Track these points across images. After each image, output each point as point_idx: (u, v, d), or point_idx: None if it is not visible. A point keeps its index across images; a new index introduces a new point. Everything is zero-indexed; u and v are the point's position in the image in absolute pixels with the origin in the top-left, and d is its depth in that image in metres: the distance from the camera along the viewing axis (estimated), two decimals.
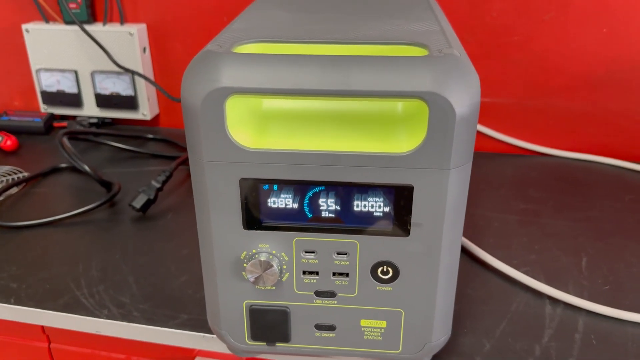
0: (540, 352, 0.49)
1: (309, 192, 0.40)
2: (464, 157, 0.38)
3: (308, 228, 0.41)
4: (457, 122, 0.36)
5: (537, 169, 0.84)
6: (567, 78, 0.83)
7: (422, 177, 0.38)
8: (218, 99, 0.37)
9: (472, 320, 0.53)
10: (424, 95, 0.35)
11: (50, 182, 0.80)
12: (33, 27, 0.92)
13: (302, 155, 0.38)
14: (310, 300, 0.44)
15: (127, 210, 0.72)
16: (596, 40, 0.80)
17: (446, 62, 0.36)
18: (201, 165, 0.40)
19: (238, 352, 0.49)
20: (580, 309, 0.55)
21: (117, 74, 0.93)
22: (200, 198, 0.42)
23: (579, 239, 0.66)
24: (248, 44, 0.41)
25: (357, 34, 0.43)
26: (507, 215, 0.71)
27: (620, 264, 0.61)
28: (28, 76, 0.97)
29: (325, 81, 0.36)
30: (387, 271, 0.42)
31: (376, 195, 0.40)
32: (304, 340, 0.46)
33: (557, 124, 0.87)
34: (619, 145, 0.86)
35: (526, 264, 0.61)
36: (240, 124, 0.39)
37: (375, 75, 0.36)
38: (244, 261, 0.43)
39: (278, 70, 0.36)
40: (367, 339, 0.45)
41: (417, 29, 0.45)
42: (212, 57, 0.37)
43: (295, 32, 0.44)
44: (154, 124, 1.00)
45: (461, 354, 0.49)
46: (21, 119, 0.95)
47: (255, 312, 0.45)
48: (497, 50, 0.83)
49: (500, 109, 0.87)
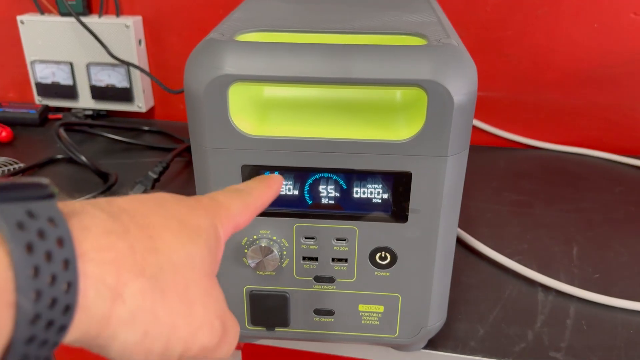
0: (532, 337, 0.51)
1: (309, 179, 0.41)
2: (461, 145, 0.39)
3: (308, 214, 0.42)
4: (455, 110, 0.37)
5: (529, 161, 0.85)
6: (559, 72, 0.85)
7: (420, 164, 0.39)
8: (221, 86, 0.37)
9: (467, 307, 0.54)
10: (423, 84, 0.36)
11: (46, 173, 0.80)
12: (28, 18, 0.92)
13: (302, 142, 0.39)
14: (310, 285, 0.45)
15: None
16: (587, 35, 0.81)
17: (445, 52, 0.37)
18: (204, 152, 0.41)
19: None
20: (571, 296, 0.56)
21: (112, 66, 0.93)
22: (202, 185, 0.42)
23: (570, 229, 0.67)
24: (250, 33, 0.42)
25: (357, 24, 0.44)
26: (500, 206, 0.72)
27: (610, 253, 0.63)
28: (23, 68, 0.97)
29: (327, 69, 0.37)
30: (385, 257, 0.43)
31: (375, 181, 0.41)
32: (303, 325, 0.47)
33: (549, 117, 0.88)
34: (610, 138, 0.87)
35: (519, 253, 0.62)
36: (243, 112, 0.40)
37: (375, 64, 0.36)
38: (245, 247, 0.43)
39: (280, 58, 0.37)
40: (365, 324, 0.46)
41: (416, 19, 0.46)
42: (215, 45, 0.38)
43: (296, 22, 0.45)
44: (149, 116, 1.00)
45: (456, 338, 0.50)
46: (16, 111, 0.95)
47: (255, 297, 0.46)
48: (491, 44, 0.85)
49: (493, 103, 0.89)
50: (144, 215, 0.25)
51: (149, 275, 0.23)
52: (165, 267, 0.24)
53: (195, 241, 0.26)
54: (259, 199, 0.32)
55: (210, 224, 0.28)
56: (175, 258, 0.25)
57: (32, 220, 0.20)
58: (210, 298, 0.27)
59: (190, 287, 0.25)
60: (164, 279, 0.24)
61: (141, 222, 0.24)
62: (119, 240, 0.23)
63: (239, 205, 0.30)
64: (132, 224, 0.24)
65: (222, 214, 0.29)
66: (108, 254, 0.22)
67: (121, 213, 0.24)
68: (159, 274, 0.24)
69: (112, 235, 0.23)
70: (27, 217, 0.20)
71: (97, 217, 0.23)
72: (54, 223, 0.20)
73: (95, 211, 0.23)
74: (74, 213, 0.22)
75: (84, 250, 0.21)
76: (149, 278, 0.23)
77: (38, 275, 0.20)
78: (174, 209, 0.27)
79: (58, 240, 0.20)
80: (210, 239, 0.27)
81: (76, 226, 0.22)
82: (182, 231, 0.26)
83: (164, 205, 0.26)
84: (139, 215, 0.25)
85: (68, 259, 0.20)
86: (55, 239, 0.20)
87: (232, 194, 0.31)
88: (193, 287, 0.25)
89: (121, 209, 0.24)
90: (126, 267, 0.22)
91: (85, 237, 0.22)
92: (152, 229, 0.24)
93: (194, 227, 0.26)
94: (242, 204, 0.31)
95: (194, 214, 0.27)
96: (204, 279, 0.26)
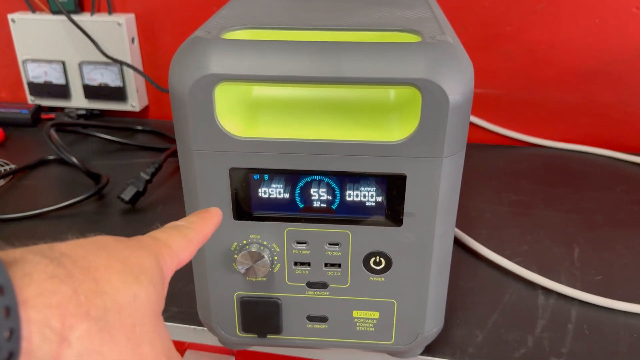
0: (532, 342, 0.49)
1: (300, 182, 0.40)
2: (457, 146, 0.37)
3: (299, 218, 0.41)
4: (451, 109, 0.35)
5: (529, 160, 0.84)
6: (558, 69, 0.83)
7: (414, 166, 0.38)
8: (207, 86, 0.36)
9: (465, 311, 0.53)
10: (416, 82, 0.35)
11: (38, 175, 0.78)
12: (19, 17, 0.90)
13: (293, 144, 0.38)
14: (302, 291, 0.44)
15: (116, 203, 0.71)
16: (588, 31, 0.80)
17: (439, 49, 0.36)
18: (190, 155, 0.39)
19: (229, 345, 0.49)
20: (573, 299, 0.54)
21: (105, 64, 0.91)
22: (189, 188, 0.41)
23: (571, 230, 0.66)
24: (237, 31, 0.40)
25: (349, 20, 0.42)
26: (499, 207, 0.71)
27: (612, 255, 0.61)
28: (15, 67, 0.96)
29: (316, 68, 0.35)
30: (380, 262, 0.42)
31: (368, 184, 0.39)
32: (295, 332, 0.45)
33: (549, 114, 0.86)
34: (610, 136, 0.86)
35: (518, 255, 0.61)
36: (230, 112, 0.39)
37: (367, 62, 0.35)
38: (235, 252, 0.42)
39: (268, 57, 0.36)
40: (359, 330, 0.45)
41: (410, 15, 0.44)
42: (200, 43, 0.37)
43: (286, 19, 0.43)
44: (143, 115, 0.99)
45: (454, 344, 0.49)
46: (7, 111, 0.93)
47: (246, 304, 0.44)
48: (489, 41, 0.83)
49: (492, 100, 0.87)
50: (86, 258, 0.25)
51: (95, 317, 0.23)
52: (111, 308, 0.24)
53: (140, 280, 0.26)
54: (200, 233, 0.33)
55: (154, 262, 0.28)
56: (120, 298, 0.24)
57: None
58: (157, 336, 0.26)
59: (137, 327, 0.25)
60: (111, 320, 0.24)
61: (84, 265, 0.24)
62: (62, 284, 0.22)
63: (180, 241, 0.31)
64: (75, 267, 0.24)
65: (164, 251, 0.29)
66: (52, 298, 0.22)
67: (63, 257, 0.24)
68: (105, 315, 0.23)
69: (55, 279, 0.22)
70: None
71: (39, 264, 0.23)
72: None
73: (37, 257, 0.23)
74: (15, 261, 0.22)
75: (27, 297, 0.21)
76: (95, 320, 0.23)
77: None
78: (115, 251, 0.27)
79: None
80: (154, 277, 0.27)
81: (17, 274, 0.21)
82: (125, 271, 0.26)
83: (105, 247, 0.26)
84: (81, 259, 0.24)
85: (9, 306, 0.20)
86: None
87: (172, 231, 0.31)
88: (140, 327, 0.25)
89: (62, 254, 0.24)
90: (71, 311, 0.22)
91: (27, 284, 0.21)
92: (95, 271, 0.24)
93: (137, 266, 0.26)
94: (184, 239, 0.31)
95: (136, 254, 0.27)
96: (150, 317, 0.26)
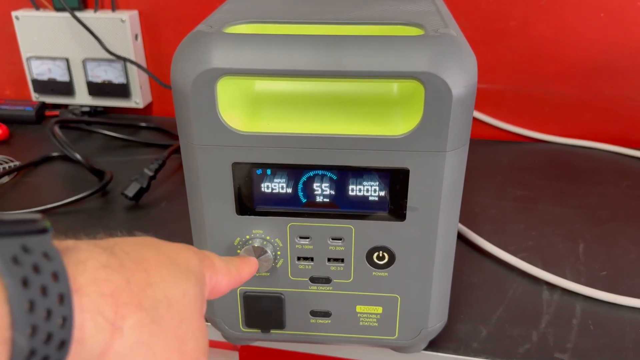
0: (537, 337, 0.49)
1: (303, 177, 0.40)
2: (460, 140, 0.37)
3: (302, 213, 0.41)
4: (454, 103, 0.35)
5: (533, 155, 0.83)
6: (563, 64, 0.82)
7: (418, 160, 0.37)
8: (209, 80, 0.36)
9: (469, 307, 0.53)
10: (419, 76, 0.34)
11: (42, 171, 0.78)
12: (23, 14, 0.90)
13: (295, 138, 0.38)
14: (305, 286, 0.43)
15: (120, 199, 0.71)
16: (593, 26, 0.79)
17: (442, 42, 0.35)
18: (192, 150, 0.39)
19: (232, 340, 0.49)
20: (578, 295, 0.54)
21: (109, 61, 0.91)
22: (192, 184, 0.41)
23: (576, 225, 0.65)
24: (239, 25, 0.40)
25: (351, 14, 0.42)
26: (504, 202, 0.70)
27: (617, 250, 0.61)
28: (19, 64, 0.96)
29: (319, 62, 0.35)
30: (383, 256, 0.42)
31: (371, 179, 0.39)
32: (299, 327, 0.45)
33: (554, 110, 0.86)
34: (616, 131, 0.85)
35: (523, 250, 0.61)
36: (232, 107, 0.39)
37: (369, 56, 0.35)
38: (238, 247, 0.42)
39: (270, 51, 0.35)
40: (362, 325, 0.45)
41: (413, 9, 0.44)
42: (203, 37, 0.37)
43: (288, 13, 0.43)
44: (147, 112, 0.99)
45: (458, 339, 0.49)
46: (12, 108, 0.94)
47: (250, 299, 0.44)
48: (493, 35, 0.83)
49: (496, 95, 0.87)
50: (137, 250, 0.25)
51: (147, 309, 0.23)
52: (161, 301, 0.24)
53: (189, 278, 0.26)
54: (239, 270, 0.34)
55: (199, 265, 0.28)
56: (170, 293, 0.25)
57: (26, 254, 0.20)
58: (200, 335, 0.27)
59: (184, 323, 0.25)
60: (160, 312, 0.24)
61: (136, 256, 0.24)
62: (115, 273, 0.23)
63: (222, 265, 0.32)
64: (127, 258, 0.24)
65: (208, 262, 0.30)
66: (105, 287, 0.22)
67: (115, 247, 0.24)
68: (155, 307, 0.24)
69: (108, 268, 0.23)
70: (22, 252, 0.20)
71: (92, 252, 0.23)
72: (48, 257, 0.20)
73: (90, 247, 0.23)
74: (68, 249, 0.22)
75: (80, 285, 0.21)
76: (147, 311, 0.23)
77: (33, 310, 0.19)
78: (164, 249, 0.27)
79: (53, 274, 0.20)
80: (200, 278, 0.28)
81: (71, 261, 0.22)
82: (175, 268, 0.26)
83: (154, 245, 0.27)
84: (132, 251, 0.25)
85: (63, 293, 0.20)
86: (50, 273, 0.20)
87: (215, 255, 0.32)
88: (187, 324, 0.26)
89: (115, 244, 0.25)
90: (124, 300, 0.22)
91: (81, 272, 0.22)
92: (146, 263, 0.25)
93: (185, 266, 0.27)
94: (225, 267, 0.32)
95: (184, 255, 0.28)
96: (195, 315, 0.26)
